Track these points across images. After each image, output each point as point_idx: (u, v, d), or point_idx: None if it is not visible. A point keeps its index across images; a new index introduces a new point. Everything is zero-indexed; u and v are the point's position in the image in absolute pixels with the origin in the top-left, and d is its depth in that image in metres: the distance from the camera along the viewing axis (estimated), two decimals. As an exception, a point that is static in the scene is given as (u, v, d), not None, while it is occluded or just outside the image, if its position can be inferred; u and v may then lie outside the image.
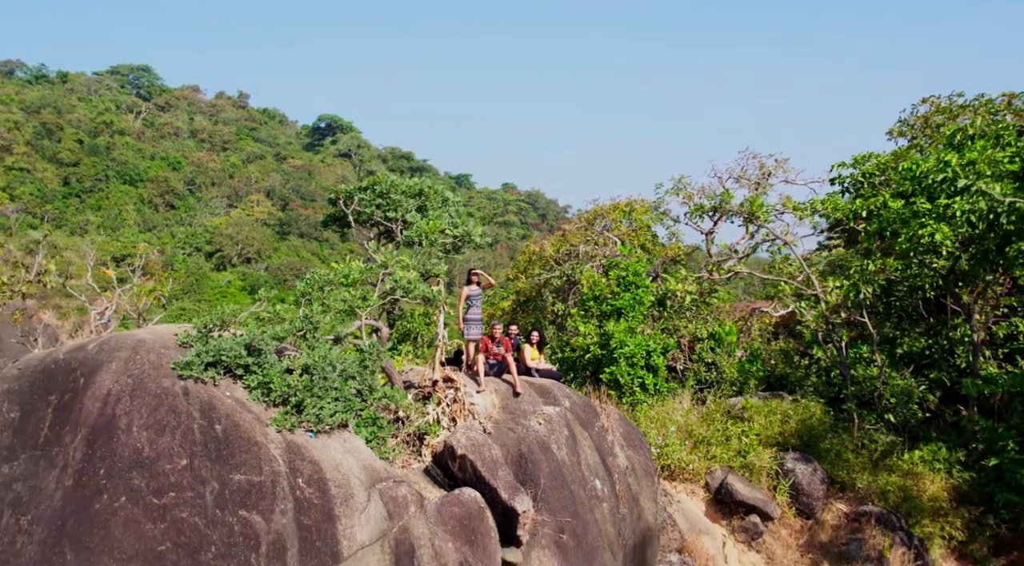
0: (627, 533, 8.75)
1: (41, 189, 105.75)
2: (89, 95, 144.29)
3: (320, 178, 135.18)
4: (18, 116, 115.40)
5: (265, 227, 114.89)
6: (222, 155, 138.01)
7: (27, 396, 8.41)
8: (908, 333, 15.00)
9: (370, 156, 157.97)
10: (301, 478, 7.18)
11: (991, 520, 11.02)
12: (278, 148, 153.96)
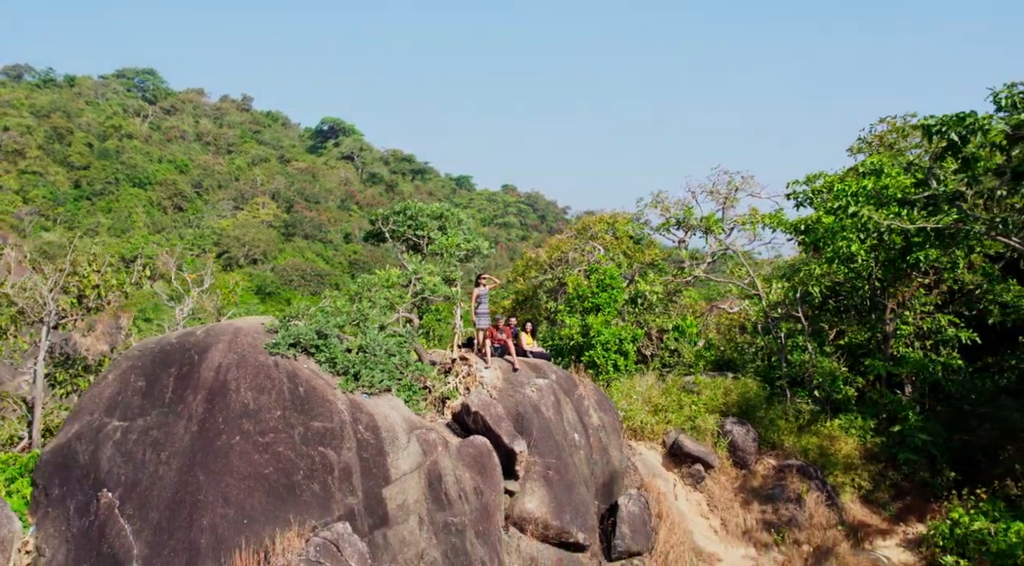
0: (598, 473, 11.54)
1: (53, 192, 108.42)
2: (96, 99, 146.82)
3: (324, 180, 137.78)
4: (29, 120, 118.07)
5: (271, 229, 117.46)
6: (227, 158, 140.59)
7: (149, 369, 11.21)
8: (850, 327, 17.77)
9: (372, 158, 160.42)
10: (360, 425, 9.99)
11: (893, 474, 13.76)
12: (282, 150, 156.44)
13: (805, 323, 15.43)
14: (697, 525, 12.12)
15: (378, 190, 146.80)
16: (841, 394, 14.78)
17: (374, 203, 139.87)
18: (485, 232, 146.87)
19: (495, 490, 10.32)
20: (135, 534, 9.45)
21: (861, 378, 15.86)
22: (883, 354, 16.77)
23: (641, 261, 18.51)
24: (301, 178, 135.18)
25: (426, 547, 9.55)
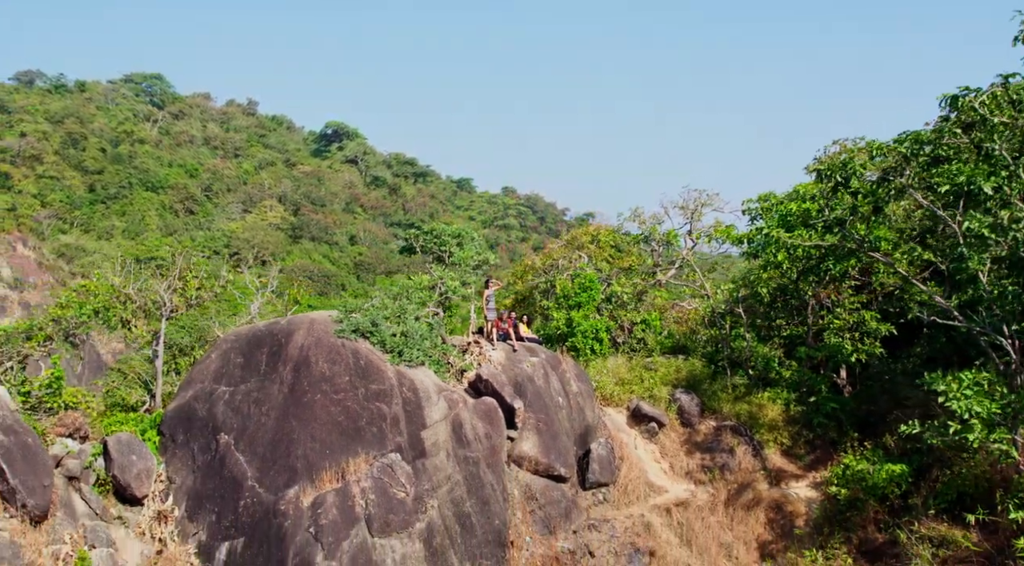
0: (576, 426, 15.46)
1: (70, 196, 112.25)
2: (107, 104, 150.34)
3: (329, 184, 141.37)
4: (44, 126, 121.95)
5: (278, 231, 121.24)
6: (235, 161, 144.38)
7: (245, 349, 15.14)
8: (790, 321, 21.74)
9: (375, 162, 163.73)
10: (404, 387, 13.93)
11: (808, 433, 17.62)
12: (287, 154, 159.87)
13: (744, 317, 19.38)
14: (650, 467, 16.00)
15: (381, 193, 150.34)
16: (774, 372, 18.72)
17: (378, 206, 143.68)
18: (486, 234, 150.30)
19: (500, 435, 14.29)
20: (248, 463, 13.41)
21: (795, 362, 19.76)
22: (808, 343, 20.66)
23: (619, 267, 22.53)
24: (307, 182, 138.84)
25: (451, 472, 13.49)
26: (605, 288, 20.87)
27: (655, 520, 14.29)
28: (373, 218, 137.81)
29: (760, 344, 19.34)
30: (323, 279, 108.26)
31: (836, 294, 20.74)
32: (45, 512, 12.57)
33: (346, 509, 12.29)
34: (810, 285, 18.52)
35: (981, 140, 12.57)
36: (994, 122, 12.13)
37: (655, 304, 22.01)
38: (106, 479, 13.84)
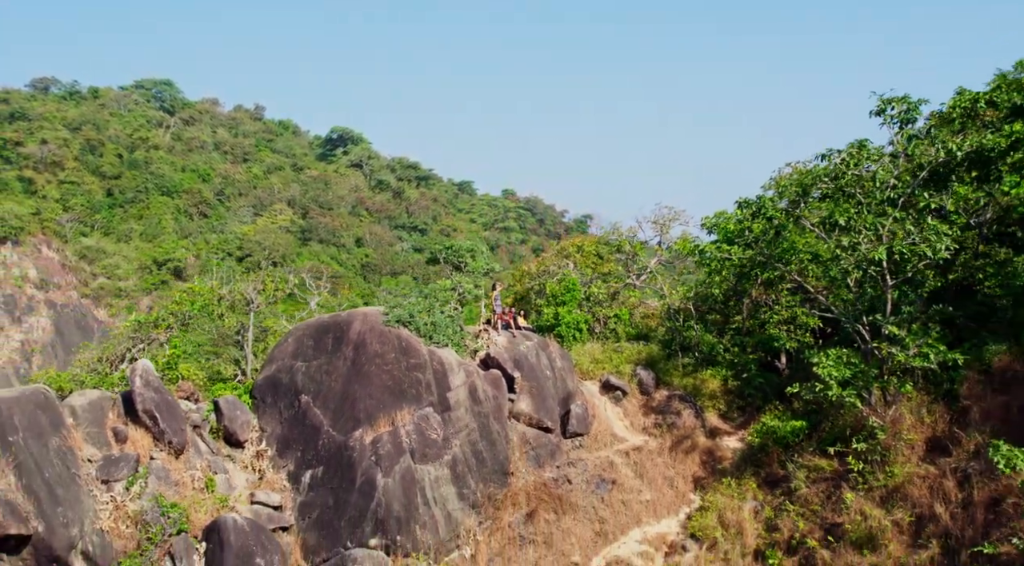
0: (560, 392, 20.71)
1: (90, 200, 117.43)
2: (120, 110, 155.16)
3: (335, 188, 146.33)
4: (63, 132, 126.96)
5: (288, 234, 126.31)
6: (244, 166, 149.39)
7: (314, 334, 20.40)
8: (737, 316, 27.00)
9: (380, 166, 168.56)
10: (434, 361, 19.21)
11: (740, 402, 22.82)
12: (294, 159, 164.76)
13: (694, 312, 24.63)
14: (615, 423, 21.15)
15: (386, 196, 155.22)
16: (719, 355, 23.90)
17: (382, 209, 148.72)
18: (487, 236, 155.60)
19: (504, 397, 19.57)
20: (323, 415, 18.66)
21: (736, 348, 24.98)
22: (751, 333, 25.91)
23: (599, 272, 27.74)
24: (315, 186, 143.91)
25: (468, 422, 18.77)
26: (586, 289, 26.16)
27: (617, 460, 19.53)
28: (378, 221, 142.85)
29: (706, 333, 24.62)
30: (332, 280, 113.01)
31: (775, 294, 26.01)
32: (182, 448, 17.87)
33: (396, 445, 17.58)
34: (746, 288, 23.78)
35: (841, 186, 17.82)
36: (847, 175, 17.40)
37: (627, 302, 27.30)
38: (218, 428, 19.12)
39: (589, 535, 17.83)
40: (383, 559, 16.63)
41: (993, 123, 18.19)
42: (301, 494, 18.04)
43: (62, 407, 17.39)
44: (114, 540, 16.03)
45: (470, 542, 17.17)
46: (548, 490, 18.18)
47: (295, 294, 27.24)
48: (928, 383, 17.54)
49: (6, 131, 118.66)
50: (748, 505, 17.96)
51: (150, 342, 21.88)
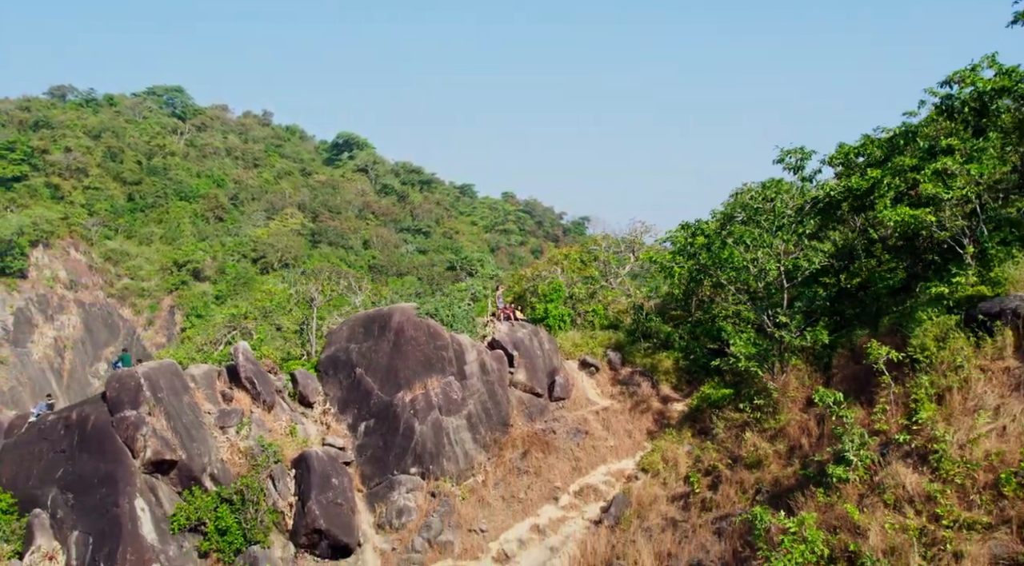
0: (547, 367, 27.37)
1: (113, 205, 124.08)
2: (136, 117, 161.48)
3: (343, 192, 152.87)
4: (84, 140, 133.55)
5: (299, 236, 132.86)
6: (255, 171, 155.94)
7: (364, 323, 27.20)
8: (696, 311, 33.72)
9: (384, 171, 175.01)
10: (454, 343, 26.04)
11: (688, 377, 29.46)
12: (303, 164, 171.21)
13: (653, 308, 31.36)
14: (590, 391, 27.75)
15: (391, 200, 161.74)
16: (674, 341, 30.53)
17: (388, 212, 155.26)
18: (487, 238, 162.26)
19: (505, 369, 26.35)
20: (372, 382, 25.42)
21: (688, 336, 31.64)
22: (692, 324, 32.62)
23: (582, 275, 34.43)
24: (323, 191, 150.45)
25: (480, 387, 25.53)
26: (570, 289, 32.92)
27: (590, 417, 26.26)
28: (384, 224, 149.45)
29: (663, 324, 31.35)
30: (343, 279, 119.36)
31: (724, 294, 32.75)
32: (272, 406, 24.64)
33: (428, 402, 24.34)
34: (694, 289, 30.54)
35: (751, 215, 24.56)
36: (755, 207, 24.14)
37: (602, 300, 34.03)
38: (294, 393, 25.87)
39: (568, 469, 24.57)
40: (419, 482, 23.39)
41: (862, 167, 24.88)
42: (358, 439, 24.81)
43: (185, 375, 24.18)
44: (231, 467, 22.78)
45: (481, 471, 23.92)
46: (538, 437, 24.91)
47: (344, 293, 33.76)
48: (813, 358, 24.21)
49: (32, 139, 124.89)
50: (684, 448, 24.68)
51: (240, 329, 28.61)
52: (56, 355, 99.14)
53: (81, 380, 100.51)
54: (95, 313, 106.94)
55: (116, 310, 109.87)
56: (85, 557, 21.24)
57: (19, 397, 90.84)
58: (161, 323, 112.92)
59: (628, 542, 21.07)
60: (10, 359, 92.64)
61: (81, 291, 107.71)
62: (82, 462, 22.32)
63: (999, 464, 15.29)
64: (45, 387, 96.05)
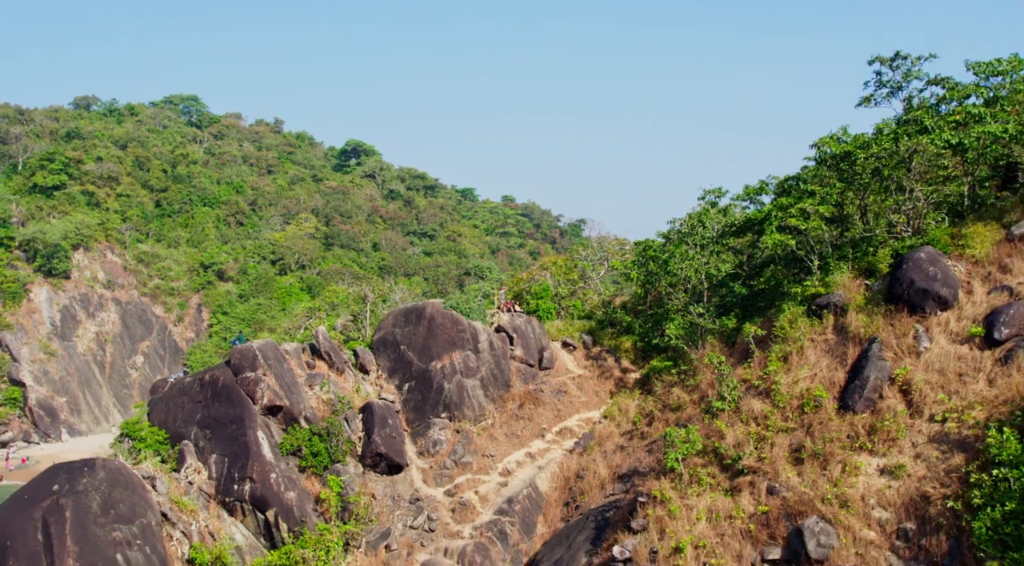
0: (537, 345, 37.44)
1: (143, 211, 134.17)
2: (156, 127, 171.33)
3: (353, 197, 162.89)
4: (114, 150, 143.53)
5: (313, 240, 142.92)
6: (271, 178, 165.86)
7: (404, 314, 37.52)
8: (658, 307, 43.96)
9: (391, 177, 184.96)
10: (471, 328, 36.37)
11: (642, 354, 39.50)
12: (314, 170, 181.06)
13: (619, 305, 41.52)
14: (568, 363, 37.77)
15: (398, 205, 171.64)
16: (635, 328, 40.64)
17: (395, 217, 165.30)
18: (488, 241, 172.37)
19: (507, 347, 36.64)
20: (412, 355, 35.71)
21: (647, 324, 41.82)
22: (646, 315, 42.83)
23: (566, 278, 44.47)
24: (335, 196, 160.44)
25: (488, 359, 35.80)
26: (556, 289, 43.13)
27: (568, 381, 36.45)
28: (391, 227, 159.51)
29: (625, 315, 41.52)
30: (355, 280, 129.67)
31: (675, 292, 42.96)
32: (342, 372, 34.89)
33: (453, 368, 34.59)
34: (649, 289, 40.72)
35: (683, 236, 34.74)
36: (684, 232, 34.33)
37: (581, 297, 44.24)
38: (355, 363, 36.08)
39: (551, 416, 34.78)
40: (448, 423, 33.61)
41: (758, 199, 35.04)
42: (403, 395, 35.04)
43: (281, 350, 34.41)
44: (318, 412, 32.96)
45: (490, 416, 34.13)
46: (530, 394, 35.12)
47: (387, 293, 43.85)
48: (725, 337, 34.33)
49: (66, 150, 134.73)
50: (634, 402, 34.87)
51: (314, 318, 38.75)
52: (98, 348, 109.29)
53: (120, 371, 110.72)
54: (131, 310, 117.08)
55: (149, 308, 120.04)
56: (223, 471, 31.43)
57: (68, 385, 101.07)
58: (190, 320, 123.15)
59: (591, 461, 31.33)
60: (59, 352, 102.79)
61: (117, 290, 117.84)
62: (215, 408, 32.51)
63: (807, 395, 25.47)
64: (90, 377, 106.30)
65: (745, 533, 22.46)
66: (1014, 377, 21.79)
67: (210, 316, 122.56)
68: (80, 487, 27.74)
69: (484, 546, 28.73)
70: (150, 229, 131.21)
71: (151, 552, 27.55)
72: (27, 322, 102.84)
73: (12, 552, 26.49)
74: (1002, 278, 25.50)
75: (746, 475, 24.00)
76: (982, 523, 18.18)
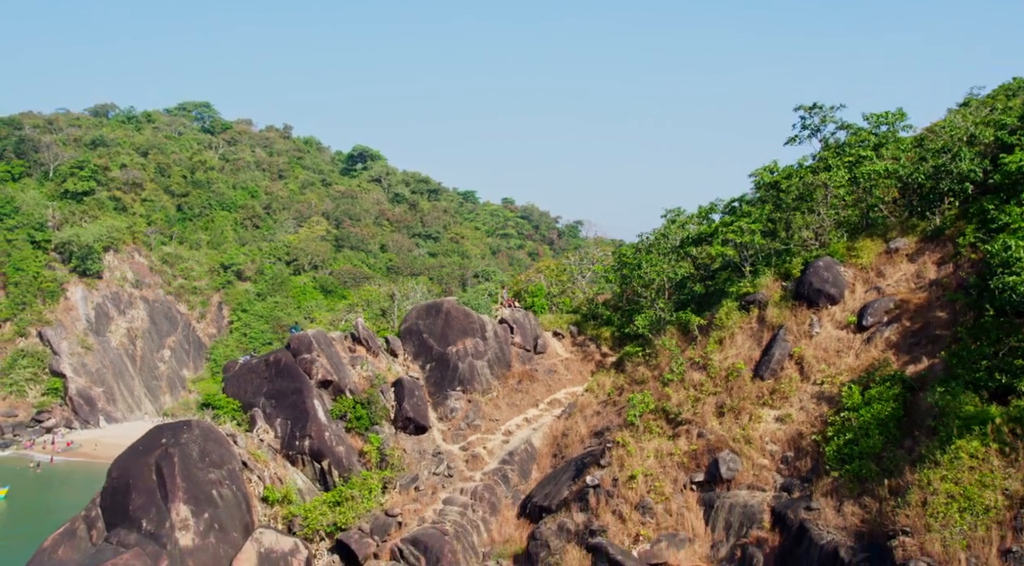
0: (532, 335, 46.20)
1: (166, 215, 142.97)
2: (173, 133, 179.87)
3: (361, 201, 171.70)
4: (136, 157, 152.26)
5: (325, 242, 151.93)
6: (283, 182, 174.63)
7: (425, 308, 46.46)
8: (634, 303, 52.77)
9: (396, 181, 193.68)
10: (480, 319, 45.30)
11: (619, 341, 48.23)
12: (323, 174, 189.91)
13: (601, 304, 50.25)
14: (558, 349, 46.38)
15: (403, 208, 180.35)
16: (614, 321, 49.33)
17: (401, 219, 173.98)
18: (489, 242, 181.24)
19: (508, 335, 45.55)
20: (433, 341, 44.63)
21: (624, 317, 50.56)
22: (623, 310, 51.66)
23: (557, 279, 53.18)
24: (344, 200, 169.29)
25: (494, 344, 44.66)
26: (548, 288, 51.96)
27: (558, 363, 45.26)
28: (397, 230, 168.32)
29: (605, 309, 50.29)
30: (364, 279, 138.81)
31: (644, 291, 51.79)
32: (377, 355, 43.83)
33: (466, 351, 43.47)
34: (624, 289, 49.51)
35: (648, 246, 43.52)
36: (649, 242, 43.10)
37: (569, 294, 53.08)
38: (387, 349, 44.97)
39: (544, 390, 43.63)
40: (461, 395, 42.46)
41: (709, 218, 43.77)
42: (425, 373, 43.92)
43: (329, 336, 43.29)
44: (359, 386, 41.81)
45: (495, 390, 42.98)
46: (527, 373, 43.97)
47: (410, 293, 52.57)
48: (683, 328, 43.05)
49: (92, 157, 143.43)
50: (610, 379, 43.60)
51: (351, 313, 47.54)
52: (129, 343, 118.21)
53: (150, 363, 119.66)
54: (157, 308, 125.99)
55: (174, 306, 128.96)
56: (286, 431, 40.24)
57: (104, 376, 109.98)
58: (212, 317, 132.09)
59: (574, 423, 40.16)
60: (95, 346, 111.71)
61: (145, 289, 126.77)
62: (278, 382, 41.31)
63: (731, 368, 34.28)
64: (123, 369, 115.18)
65: (680, 465, 31.33)
66: (871, 352, 30.64)
67: (230, 313, 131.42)
68: (182, 440, 36.62)
69: (491, 486, 37.60)
70: (173, 232, 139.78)
71: (236, 490, 36.35)
72: (65, 318, 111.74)
73: (134, 487, 35.37)
74: (877, 281, 34.33)
75: (684, 425, 32.87)
76: (831, 448, 27.01)
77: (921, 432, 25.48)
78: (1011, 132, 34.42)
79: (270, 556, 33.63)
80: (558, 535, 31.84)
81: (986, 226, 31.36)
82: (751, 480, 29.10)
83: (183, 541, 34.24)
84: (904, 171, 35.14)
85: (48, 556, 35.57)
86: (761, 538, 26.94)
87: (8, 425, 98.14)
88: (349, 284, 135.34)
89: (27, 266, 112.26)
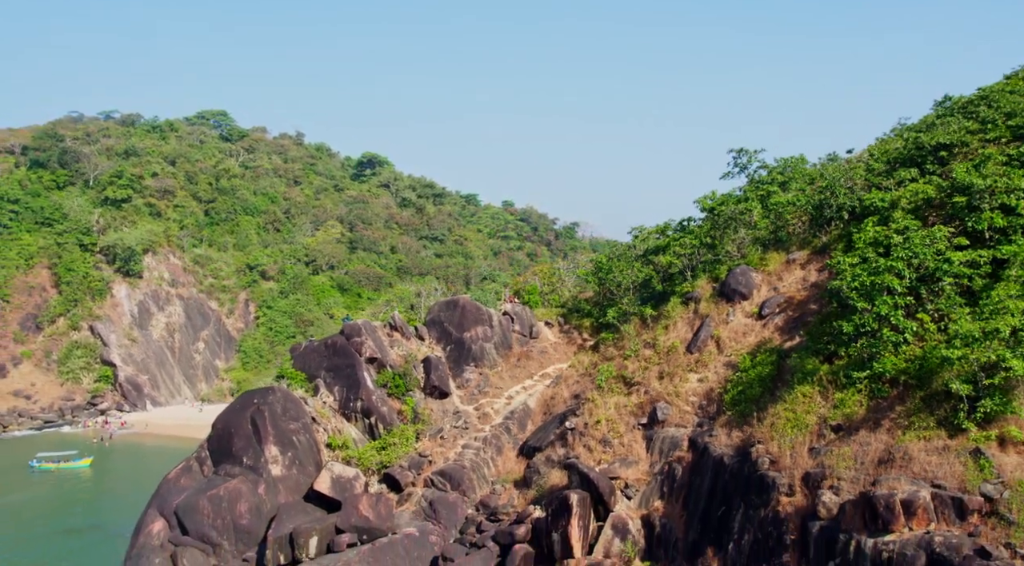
0: (529, 323, 59.40)
1: (196, 220, 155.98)
2: (195, 142, 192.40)
3: (372, 206, 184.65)
4: (165, 165, 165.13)
5: (340, 244, 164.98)
6: (298, 188, 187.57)
7: (445, 304, 59.79)
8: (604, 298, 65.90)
9: (403, 186, 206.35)
10: (488, 312, 58.71)
11: (598, 329, 61.47)
12: (335, 180, 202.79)
13: (586, 302, 63.28)
14: (549, 336, 59.29)
15: (410, 212, 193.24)
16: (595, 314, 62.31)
17: (409, 223, 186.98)
18: (490, 243, 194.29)
19: (509, 324, 58.82)
20: (451, 328, 57.89)
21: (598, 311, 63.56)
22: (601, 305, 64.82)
23: (549, 280, 65.98)
24: (356, 205, 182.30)
25: (499, 331, 57.89)
26: (541, 287, 65.05)
27: (548, 346, 58.39)
28: (406, 232, 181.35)
29: (586, 304, 63.39)
30: (376, 279, 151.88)
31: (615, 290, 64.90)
32: (409, 339, 57.18)
33: (480, 335, 56.72)
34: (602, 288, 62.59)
35: (619, 253, 56.67)
36: (619, 252, 56.22)
37: (559, 292, 66.16)
38: (417, 334, 58.25)
39: (537, 366, 56.82)
40: (474, 369, 55.71)
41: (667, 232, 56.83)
42: (446, 353, 57.19)
43: (373, 324, 56.68)
44: (396, 361, 55.12)
45: (500, 365, 56.20)
46: (524, 353, 57.17)
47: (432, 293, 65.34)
48: (646, 318, 56.04)
49: (128, 167, 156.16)
50: (588, 358, 56.73)
51: (388, 307, 60.65)
52: (168, 336, 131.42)
53: (187, 355, 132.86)
54: (191, 305, 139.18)
55: (206, 303, 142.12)
56: (343, 396, 53.45)
57: (148, 366, 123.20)
58: (239, 313, 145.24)
59: (559, 390, 53.41)
60: (139, 338, 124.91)
61: (180, 288, 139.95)
62: (335, 359, 54.53)
63: (671, 347, 47.56)
64: (164, 360, 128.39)
65: (631, 412, 44.53)
66: (764, 333, 43.83)
67: (256, 310, 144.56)
68: (269, 400, 49.91)
69: (497, 435, 50.84)
70: (203, 235, 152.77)
71: (309, 437, 49.61)
72: (112, 314, 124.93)
73: (236, 434, 48.67)
74: (777, 283, 47.50)
75: (635, 386, 46.09)
76: (729, 396, 40.20)
77: (783, 384, 38.67)
78: (876, 174, 47.58)
79: (339, 480, 46.72)
80: (546, 464, 45.12)
81: (850, 245, 44.54)
82: (677, 420, 42.29)
83: (274, 471, 47.57)
84: (799, 201, 48.33)
85: (173, 484, 49.10)
86: (681, 457, 40.13)
87: (68, 407, 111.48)
88: (364, 283, 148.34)
89: (77, 267, 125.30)
